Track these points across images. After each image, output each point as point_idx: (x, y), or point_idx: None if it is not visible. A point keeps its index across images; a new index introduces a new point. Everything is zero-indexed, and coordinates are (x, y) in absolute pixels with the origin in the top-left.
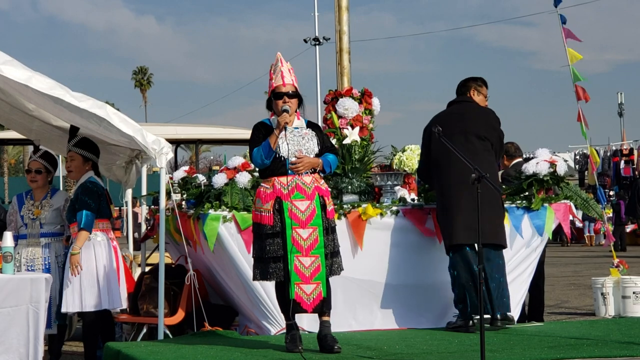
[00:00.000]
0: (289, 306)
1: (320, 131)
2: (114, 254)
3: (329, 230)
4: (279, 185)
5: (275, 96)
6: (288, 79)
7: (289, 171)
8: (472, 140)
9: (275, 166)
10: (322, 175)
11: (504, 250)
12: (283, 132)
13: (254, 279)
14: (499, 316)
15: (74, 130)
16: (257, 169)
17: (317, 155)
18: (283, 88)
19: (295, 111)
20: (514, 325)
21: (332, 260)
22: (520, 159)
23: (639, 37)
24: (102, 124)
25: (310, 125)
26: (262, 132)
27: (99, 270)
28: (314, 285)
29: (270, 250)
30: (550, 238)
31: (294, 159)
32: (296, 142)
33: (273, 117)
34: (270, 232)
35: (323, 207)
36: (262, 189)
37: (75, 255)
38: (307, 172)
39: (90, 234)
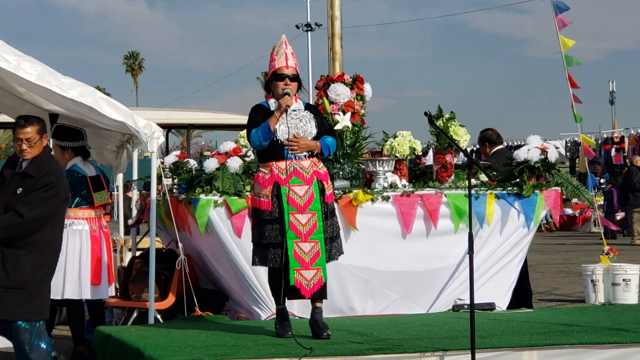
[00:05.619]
0: (282, 292)
1: (318, 113)
2: (95, 242)
3: (328, 214)
4: (277, 171)
5: (276, 77)
6: (291, 62)
7: (287, 155)
8: None
9: (273, 150)
10: (320, 158)
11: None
12: (283, 114)
13: (253, 264)
14: None
15: (53, 118)
16: (250, 154)
17: (315, 138)
18: (286, 70)
19: (295, 94)
20: None
21: (331, 245)
22: (501, 146)
23: (631, 25)
24: (92, 110)
25: (309, 107)
26: (261, 115)
27: (68, 259)
28: (314, 271)
29: (270, 236)
30: (536, 225)
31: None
32: (294, 125)
33: (272, 99)
34: (269, 218)
35: (321, 191)
36: (260, 174)
37: None
38: (305, 156)
39: None
